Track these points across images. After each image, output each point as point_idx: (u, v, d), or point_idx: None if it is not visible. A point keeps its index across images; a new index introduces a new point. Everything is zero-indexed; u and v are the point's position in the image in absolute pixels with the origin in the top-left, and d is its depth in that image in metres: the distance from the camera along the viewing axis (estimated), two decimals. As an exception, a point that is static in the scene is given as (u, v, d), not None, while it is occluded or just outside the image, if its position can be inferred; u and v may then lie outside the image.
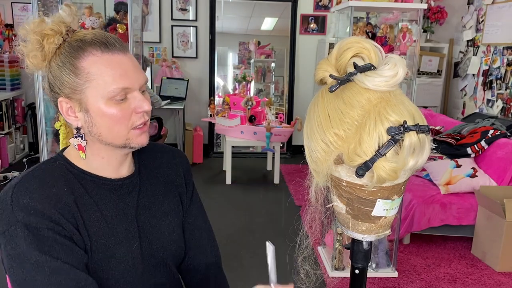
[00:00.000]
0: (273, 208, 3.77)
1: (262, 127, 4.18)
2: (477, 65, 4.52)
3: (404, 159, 0.66)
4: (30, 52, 0.87)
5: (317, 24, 5.33)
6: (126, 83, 0.86)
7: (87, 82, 0.85)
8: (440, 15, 4.82)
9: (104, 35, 0.88)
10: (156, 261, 0.99)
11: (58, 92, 0.88)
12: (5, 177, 4.09)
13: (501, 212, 2.71)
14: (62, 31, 0.88)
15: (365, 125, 0.67)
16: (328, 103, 0.72)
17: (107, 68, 0.85)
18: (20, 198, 0.82)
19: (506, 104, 4.05)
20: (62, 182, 0.88)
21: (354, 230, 0.77)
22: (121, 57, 0.87)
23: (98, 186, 0.92)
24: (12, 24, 4.92)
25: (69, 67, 0.86)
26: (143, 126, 0.90)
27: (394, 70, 0.68)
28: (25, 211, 0.81)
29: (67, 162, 0.92)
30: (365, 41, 0.72)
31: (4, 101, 4.47)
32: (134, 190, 0.98)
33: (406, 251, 3.01)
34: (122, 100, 0.86)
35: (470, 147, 3.33)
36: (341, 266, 2.64)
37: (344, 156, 0.69)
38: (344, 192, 0.74)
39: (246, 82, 4.54)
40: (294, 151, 5.50)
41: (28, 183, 0.85)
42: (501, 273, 2.75)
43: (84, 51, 0.85)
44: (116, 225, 0.93)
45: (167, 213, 1.02)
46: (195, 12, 5.16)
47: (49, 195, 0.84)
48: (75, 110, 0.88)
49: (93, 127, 0.88)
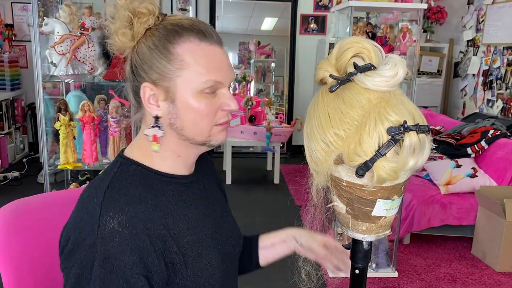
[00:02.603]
0: (273, 208, 3.77)
1: (262, 127, 4.18)
2: (477, 65, 4.52)
3: (404, 159, 0.65)
4: (119, 29, 0.80)
5: (317, 24, 5.33)
6: (220, 77, 0.81)
7: (180, 70, 0.79)
8: (440, 15, 4.82)
9: (202, 23, 0.82)
10: (232, 260, 0.95)
11: (144, 77, 0.81)
12: (5, 177, 4.09)
13: (501, 212, 2.71)
14: (156, 12, 0.81)
15: (365, 125, 0.67)
16: (328, 103, 0.72)
17: (203, 58, 0.79)
18: (108, 222, 0.73)
19: (506, 104, 4.04)
20: (146, 193, 0.80)
21: (354, 230, 0.76)
22: (217, 49, 0.82)
23: (175, 187, 0.85)
24: (12, 24, 4.92)
25: (162, 51, 0.79)
26: (225, 123, 0.85)
27: (394, 70, 0.68)
28: (109, 239, 0.72)
29: (140, 165, 0.83)
30: (365, 41, 0.72)
31: (4, 101, 4.47)
32: (203, 187, 0.93)
33: (406, 251, 3.01)
34: (211, 94, 0.81)
35: (470, 147, 3.33)
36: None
37: (344, 156, 0.69)
38: (344, 192, 0.73)
39: (246, 82, 4.54)
40: (294, 151, 5.50)
41: (115, 200, 0.76)
42: (501, 273, 2.75)
43: (181, 36, 0.79)
44: (202, 226, 0.87)
45: (226, 209, 1.01)
46: (195, 12, 5.16)
47: (139, 215, 0.76)
48: (158, 98, 0.81)
49: (176, 119, 0.81)
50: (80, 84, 2.98)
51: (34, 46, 2.18)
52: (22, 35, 5.00)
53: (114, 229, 0.73)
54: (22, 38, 5.01)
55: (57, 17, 2.23)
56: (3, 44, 4.69)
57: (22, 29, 5.00)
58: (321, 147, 0.72)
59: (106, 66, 2.21)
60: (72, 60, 2.23)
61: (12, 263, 0.93)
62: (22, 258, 0.95)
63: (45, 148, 2.23)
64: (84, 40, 2.21)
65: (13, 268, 0.93)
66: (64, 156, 2.17)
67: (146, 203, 0.79)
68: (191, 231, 0.84)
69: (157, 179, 0.84)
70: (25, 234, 0.96)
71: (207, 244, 0.86)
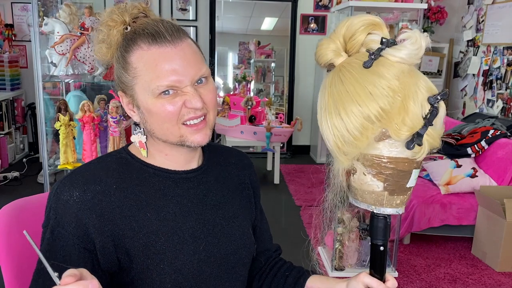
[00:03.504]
0: (273, 208, 3.77)
1: (262, 127, 4.18)
2: (477, 65, 4.52)
3: (442, 125, 0.70)
4: (97, 44, 0.84)
5: (317, 24, 5.33)
6: (173, 80, 0.78)
7: (135, 78, 0.80)
8: (440, 15, 4.82)
9: (156, 24, 0.80)
10: (226, 266, 0.90)
11: (116, 86, 0.86)
12: (5, 177, 4.09)
13: (501, 212, 2.71)
14: (126, 20, 0.82)
15: (409, 96, 0.68)
16: (362, 78, 0.69)
17: (152, 64, 0.78)
18: (61, 194, 0.79)
19: (506, 104, 4.04)
20: (113, 178, 0.83)
21: (388, 206, 0.76)
22: (169, 50, 0.79)
23: (161, 180, 0.86)
24: (12, 24, 4.92)
25: (121, 61, 0.82)
26: (199, 123, 0.82)
27: (418, 43, 0.69)
28: (59, 209, 0.79)
29: (129, 155, 0.88)
30: (374, 17, 0.73)
31: (4, 101, 4.46)
32: (200, 186, 0.90)
33: (406, 251, 3.01)
34: (172, 95, 0.79)
35: (470, 147, 3.33)
36: (341, 266, 2.64)
37: (390, 130, 0.69)
38: (385, 169, 0.72)
39: (246, 82, 4.54)
40: (294, 151, 5.50)
41: (75, 178, 0.81)
42: (501, 273, 2.75)
43: (134, 44, 0.80)
44: (181, 223, 0.85)
45: (236, 215, 0.95)
46: (195, 12, 5.16)
47: (91, 194, 0.80)
48: (132, 105, 0.85)
49: (146, 123, 0.83)
50: (80, 84, 2.98)
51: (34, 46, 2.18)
52: (22, 35, 5.00)
53: (66, 201, 0.79)
54: (22, 38, 5.01)
55: (57, 17, 2.23)
56: (3, 44, 4.69)
57: (22, 29, 5.00)
58: (359, 124, 0.69)
59: (106, 66, 2.21)
60: (72, 60, 2.23)
61: (12, 262, 0.93)
62: (22, 258, 0.95)
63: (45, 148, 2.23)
64: (84, 40, 2.21)
65: (14, 268, 0.93)
66: (64, 156, 2.17)
67: (107, 186, 0.82)
68: (162, 223, 0.83)
69: (142, 169, 0.86)
70: (25, 234, 0.96)
71: (181, 240, 0.84)
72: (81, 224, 0.78)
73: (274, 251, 1.11)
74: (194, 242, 0.85)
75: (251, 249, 0.97)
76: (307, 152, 5.58)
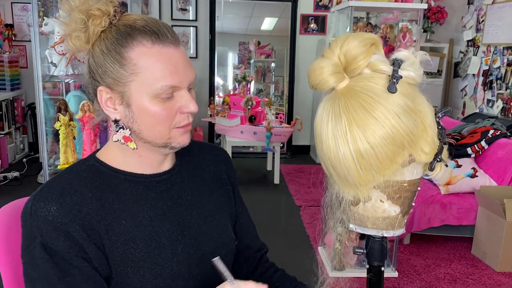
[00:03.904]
0: (273, 208, 3.77)
1: (262, 127, 4.18)
2: (477, 65, 4.52)
3: None
4: (73, 32, 0.79)
5: (317, 24, 5.33)
6: (175, 81, 0.77)
7: (133, 75, 0.77)
8: (440, 15, 4.82)
9: (156, 23, 0.79)
10: (204, 266, 0.87)
11: (99, 81, 0.80)
12: (5, 177, 4.09)
13: (501, 212, 2.71)
14: (110, 12, 0.78)
15: (426, 116, 0.67)
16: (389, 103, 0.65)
17: (156, 62, 0.76)
18: (38, 210, 0.75)
19: (506, 104, 4.04)
20: (87, 187, 0.80)
21: (398, 228, 0.74)
22: (173, 50, 0.78)
23: (133, 185, 0.84)
24: (12, 24, 4.92)
25: (114, 56, 0.77)
26: (187, 124, 0.83)
27: (417, 64, 0.69)
28: (42, 226, 0.75)
29: (98, 162, 0.85)
30: (372, 36, 0.70)
31: (4, 101, 4.46)
32: (174, 187, 0.89)
33: (406, 251, 3.01)
34: (168, 98, 0.78)
35: (470, 147, 3.33)
36: (341, 266, 2.64)
37: (416, 154, 0.67)
38: (404, 192, 0.71)
39: (246, 82, 4.54)
40: (294, 151, 5.50)
41: (49, 191, 0.78)
42: (501, 273, 2.75)
43: (133, 39, 0.76)
44: (157, 227, 0.83)
45: (214, 213, 0.93)
46: (195, 12, 5.16)
47: (69, 205, 0.77)
48: (115, 101, 0.80)
49: (133, 123, 0.80)
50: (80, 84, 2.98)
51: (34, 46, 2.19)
52: (22, 35, 5.00)
53: (45, 217, 0.75)
54: (22, 38, 5.01)
55: (57, 17, 2.23)
56: (3, 44, 4.69)
57: (22, 29, 5.00)
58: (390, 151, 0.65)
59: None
60: (72, 60, 2.23)
61: (12, 263, 0.93)
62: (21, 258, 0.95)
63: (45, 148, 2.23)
64: (84, 40, 2.21)
65: (13, 268, 0.93)
66: (64, 156, 2.17)
67: (83, 195, 0.79)
68: (138, 229, 0.81)
69: (113, 176, 0.84)
70: (25, 234, 0.96)
71: (159, 244, 0.82)
72: (69, 236, 0.76)
73: (257, 250, 1.06)
74: (172, 245, 0.84)
75: (231, 246, 0.95)
76: (307, 152, 5.58)
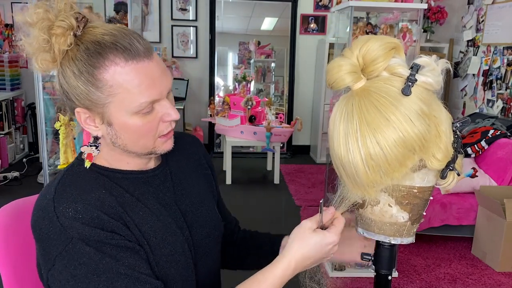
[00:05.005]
0: (273, 208, 3.77)
1: (262, 127, 4.18)
2: (477, 65, 4.52)
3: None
4: (38, 54, 0.75)
5: (317, 24, 5.33)
6: (154, 94, 0.76)
7: (110, 96, 0.74)
8: (440, 15, 4.82)
9: (125, 36, 0.76)
10: (204, 249, 0.93)
11: (75, 102, 0.78)
12: (5, 177, 4.09)
13: (501, 212, 2.71)
14: (73, 25, 0.74)
15: (441, 122, 0.67)
16: (402, 105, 0.64)
17: (133, 80, 0.74)
18: (64, 211, 0.73)
19: (506, 104, 4.04)
20: (98, 185, 0.80)
21: (406, 236, 0.72)
22: (147, 64, 0.75)
23: (132, 182, 0.85)
24: (12, 24, 4.92)
25: (87, 78, 0.74)
26: (170, 131, 0.83)
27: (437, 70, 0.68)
28: (75, 225, 0.73)
29: (93, 164, 0.84)
30: (394, 40, 0.69)
31: (4, 101, 4.47)
32: (167, 179, 0.91)
33: (406, 251, 3.01)
34: (149, 111, 0.77)
35: (470, 147, 3.33)
36: (341, 266, 2.64)
37: (428, 160, 0.66)
38: (414, 198, 0.69)
39: (246, 82, 4.53)
40: (294, 151, 5.50)
41: (66, 193, 0.76)
42: (501, 273, 2.75)
43: (105, 59, 0.73)
44: (165, 216, 0.85)
45: (203, 198, 0.97)
46: (195, 12, 5.16)
47: (92, 201, 0.76)
48: (95, 120, 0.79)
49: (117, 139, 0.80)
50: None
51: (34, 46, 2.18)
52: (22, 35, 5.00)
53: (74, 216, 0.73)
54: (22, 38, 5.00)
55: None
56: (3, 44, 4.69)
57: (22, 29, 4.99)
58: (400, 154, 0.65)
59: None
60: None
61: (12, 263, 0.93)
62: (22, 258, 0.95)
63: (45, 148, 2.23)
64: (84, 40, 2.21)
65: (13, 268, 0.93)
66: (64, 156, 2.17)
67: (99, 191, 0.79)
68: (151, 218, 0.83)
69: (111, 175, 0.84)
70: (25, 234, 0.96)
71: (171, 231, 0.85)
72: (103, 226, 0.75)
73: (235, 225, 1.14)
74: (181, 233, 0.87)
75: (221, 228, 1.00)
76: (307, 152, 5.58)
